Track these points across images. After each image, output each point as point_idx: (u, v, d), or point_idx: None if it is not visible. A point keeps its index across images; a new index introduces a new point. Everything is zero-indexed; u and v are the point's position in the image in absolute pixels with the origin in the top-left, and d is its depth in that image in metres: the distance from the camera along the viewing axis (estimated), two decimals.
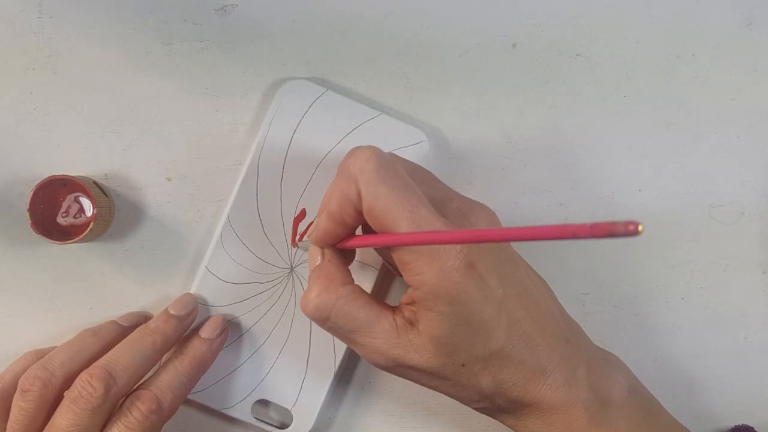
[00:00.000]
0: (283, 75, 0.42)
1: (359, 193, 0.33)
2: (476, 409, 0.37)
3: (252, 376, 0.41)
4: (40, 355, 0.39)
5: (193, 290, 0.41)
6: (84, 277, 0.42)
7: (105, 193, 0.41)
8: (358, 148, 0.34)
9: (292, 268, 0.41)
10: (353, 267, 0.41)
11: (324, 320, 0.34)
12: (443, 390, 0.36)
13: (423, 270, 0.32)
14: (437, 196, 0.35)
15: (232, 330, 0.41)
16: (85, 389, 0.35)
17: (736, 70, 0.43)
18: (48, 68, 0.42)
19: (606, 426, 0.35)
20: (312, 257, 0.36)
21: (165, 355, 0.39)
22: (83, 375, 0.36)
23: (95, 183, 0.41)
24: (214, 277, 0.41)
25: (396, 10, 0.42)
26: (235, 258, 0.41)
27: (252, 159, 0.41)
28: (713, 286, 0.43)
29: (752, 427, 0.39)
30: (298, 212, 0.41)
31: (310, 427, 0.41)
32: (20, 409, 0.36)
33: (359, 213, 0.33)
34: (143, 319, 0.41)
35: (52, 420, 0.35)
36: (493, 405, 0.36)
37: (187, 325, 0.40)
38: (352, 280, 0.35)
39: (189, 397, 0.41)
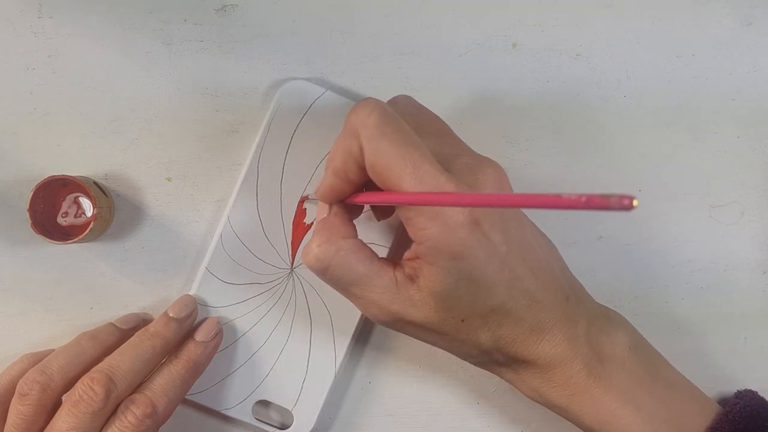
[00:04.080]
0: (283, 75, 0.42)
1: (361, 149, 0.32)
2: (474, 363, 0.37)
3: (252, 376, 0.41)
4: (37, 358, 0.39)
5: (193, 291, 0.41)
6: (84, 277, 0.42)
7: (105, 193, 0.41)
8: (361, 101, 0.34)
9: (292, 269, 0.41)
10: None
11: (323, 270, 0.34)
12: (441, 345, 0.36)
13: (427, 225, 0.32)
14: (445, 151, 0.35)
15: (232, 330, 0.41)
16: (86, 393, 0.35)
17: (736, 70, 0.43)
18: (48, 68, 0.42)
19: (605, 380, 0.35)
20: (319, 211, 0.36)
21: None
22: (84, 379, 0.35)
23: (95, 183, 0.41)
24: (215, 277, 0.41)
25: (396, 10, 0.42)
26: (235, 258, 0.41)
27: (252, 159, 0.41)
28: (713, 286, 0.43)
29: (755, 392, 0.39)
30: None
31: (311, 427, 0.41)
32: (18, 413, 0.36)
33: (363, 169, 0.33)
34: (141, 321, 0.41)
35: (51, 423, 0.35)
36: (491, 360, 0.36)
37: (186, 327, 0.40)
38: (356, 234, 0.35)
39: (189, 397, 0.41)
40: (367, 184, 0.35)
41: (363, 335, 0.43)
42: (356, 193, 0.35)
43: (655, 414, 0.36)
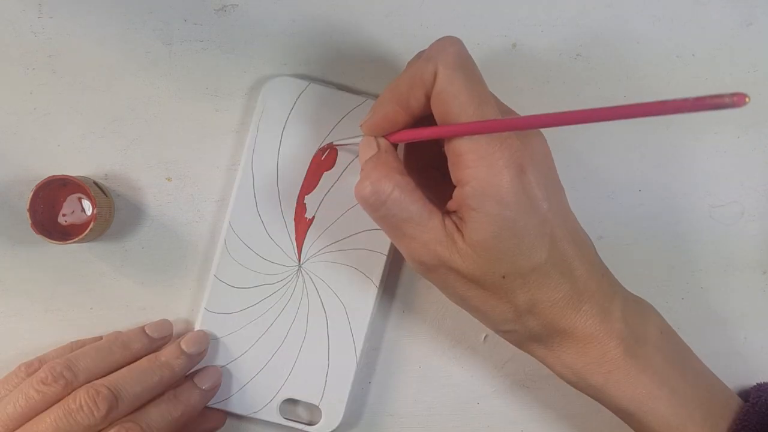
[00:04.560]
0: (282, 75, 0.42)
1: (435, 74, 0.33)
2: (505, 333, 0.37)
3: (275, 376, 0.41)
4: (77, 346, 0.39)
5: (204, 302, 0.41)
6: (84, 277, 0.42)
7: (105, 193, 0.41)
8: (443, 37, 0.34)
9: (300, 266, 0.41)
10: (361, 256, 0.41)
11: (379, 206, 0.34)
12: (476, 303, 0.35)
13: (476, 163, 0.32)
14: (500, 107, 0.36)
15: (250, 334, 0.41)
16: (88, 405, 0.35)
17: (736, 70, 0.43)
18: (48, 68, 0.42)
19: (642, 360, 0.35)
20: (366, 147, 0.36)
21: None
22: (90, 389, 0.35)
23: (95, 183, 0.41)
24: (224, 284, 0.41)
25: (396, 10, 0.42)
26: (242, 263, 0.41)
27: (245, 163, 0.41)
28: (713, 286, 0.43)
29: None
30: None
31: (339, 419, 0.41)
32: (28, 396, 0.35)
33: (426, 98, 0.33)
34: (171, 329, 0.42)
35: (41, 417, 0.35)
36: (525, 329, 0.35)
37: (195, 363, 0.40)
38: (407, 173, 0.35)
39: (216, 406, 0.41)
40: (415, 123, 0.35)
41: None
42: (400, 130, 0.35)
43: (689, 398, 0.36)
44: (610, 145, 0.43)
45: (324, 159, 0.41)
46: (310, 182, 0.41)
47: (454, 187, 0.34)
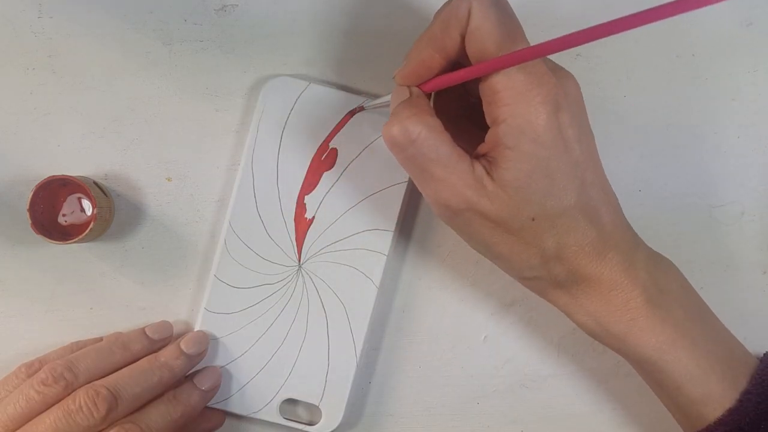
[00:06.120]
0: (283, 75, 0.42)
1: (469, 12, 0.32)
2: (528, 281, 0.37)
3: (275, 376, 0.41)
4: (79, 347, 0.40)
5: (204, 302, 0.41)
6: (84, 277, 0.42)
7: (105, 193, 0.41)
8: None
9: (300, 266, 0.41)
10: (360, 256, 0.41)
11: (408, 144, 0.33)
12: (502, 249, 0.35)
13: (513, 100, 0.32)
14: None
15: (250, 334, 0.41)
16: (87, 406, 0.35)
17: (736, 70, 0.43)
18: (48, 68, 0.42)
19: (664, 311, 0.35)
20: (397, 95, 0.35)
21: None
22: (89, 390, 0.35)
23: (95, 183, 0.41)
24: (224, 284, 0.41)
25: (396, 10, 0.42)
26: (242, 263, 0.41)
27: (245, 163, 0.41)
28: (713, 286, 0.43)
29: None
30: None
31: (339, 419, 0.41)
32: (28, 397, 0.35)
33: (461, 38, 0.33)
34: (171, 331, 0.42)
35: (40, 418, 0.35)
36: (550, 275, 0.35)
37: (194, 363, 0.40)
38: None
39: (216, 406, 0.41)
40: (449, 69, 0.35)
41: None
42: (434, 77, 0.35)
43: (710, 351, 0.36)
44: (610, 145, 0.43)
45: (324, 159, 0.41)
46: (310, 182, 0.41)
47: (485, 137, 0.34)
